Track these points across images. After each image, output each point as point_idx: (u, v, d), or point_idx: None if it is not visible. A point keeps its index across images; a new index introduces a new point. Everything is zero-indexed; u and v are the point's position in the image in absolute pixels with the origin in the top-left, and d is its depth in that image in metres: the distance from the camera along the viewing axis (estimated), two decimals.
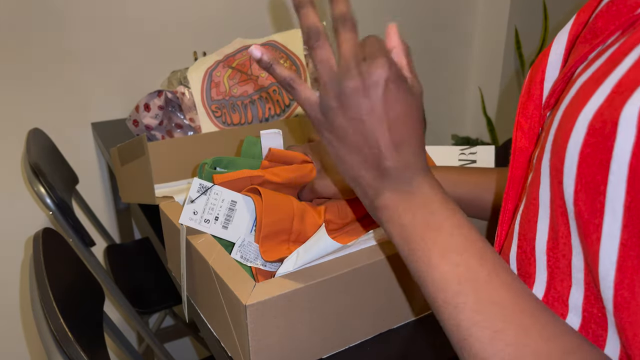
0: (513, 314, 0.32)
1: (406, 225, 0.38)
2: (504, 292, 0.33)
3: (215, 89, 0.99)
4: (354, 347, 0.54)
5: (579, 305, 0.33)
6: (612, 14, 0.33)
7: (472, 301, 0.33)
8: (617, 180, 0.27)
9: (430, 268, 0.36)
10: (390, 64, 0.36)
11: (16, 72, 1.23)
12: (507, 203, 0.42)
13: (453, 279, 0.35)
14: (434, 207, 0.37)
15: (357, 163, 0.39)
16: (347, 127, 0.38)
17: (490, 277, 0.34)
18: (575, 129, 0.30)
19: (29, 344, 1.45)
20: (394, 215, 0.38)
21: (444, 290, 0.35)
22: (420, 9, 1.78)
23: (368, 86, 0.36)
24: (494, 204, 0.56)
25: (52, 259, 0.66)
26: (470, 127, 2.10)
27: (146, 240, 1.43)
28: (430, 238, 0.36)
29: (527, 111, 0.40)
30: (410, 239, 0.37)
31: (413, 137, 0.38)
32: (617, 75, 0.29)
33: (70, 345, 0.53)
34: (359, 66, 0.36)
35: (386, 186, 0.39)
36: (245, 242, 0.56)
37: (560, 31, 0.40)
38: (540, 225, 0.36)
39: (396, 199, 0.38)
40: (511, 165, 0.41)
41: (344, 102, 0.37)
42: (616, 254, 0.29)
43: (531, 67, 0.41)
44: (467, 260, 0.35)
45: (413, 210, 0.38)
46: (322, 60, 0.38)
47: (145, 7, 1.33)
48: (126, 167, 0.80)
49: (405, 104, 0.37)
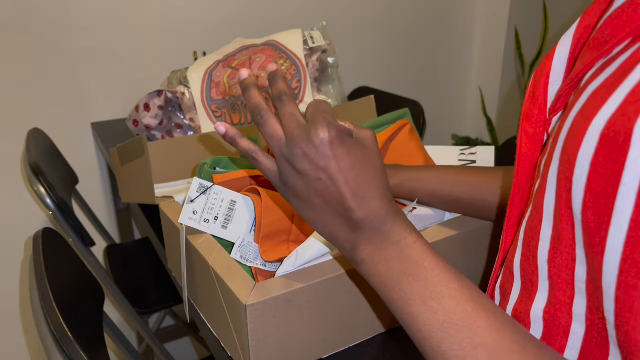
0: (498, 355, 0.32)
1: (383, 276, 0.38)
2: (487, 332, 0.33)
3: (215, 89, 0.99)
4: (354, 347, 0.54)
5: (583, 314, 0.33)
6: (622, 20, 0.33)
7: (457, 347, 0.34)
8: (628, 193, 0.27)
9: (413, 318, 0.36)
10: (329, 124, 0.38)
11: (16, 72, 1.23)
12: (512, 209, 0.42)
13: (436, 326, 0.35)
14: (406, 254, 0.38)
15: (328, 221, 0.40)
16: (308, 189, 0.40)
17: (471, 318, 0.34)
18: (586, 137, 0.30)
19: (29, 344, 1.45)
20: (372, 268, 0.39)
21: (429, 339, 0.35)
22: (420, 9, 1.78)
23: (315, 148, 0.38)
24: (499, 205, 0.56)
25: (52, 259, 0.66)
26: (470, 127, 2.10)
27: (146, 240, 1.43)
28: (407, 287, 0.37)
29: (532, 116, 0.40)
30: (390, 290, 0.38)
31: (373, 184, 0.39)
32: (630, 83, 0.28)
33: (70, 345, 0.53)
34: (302, 133, 0.38)
35: (360, 238, 0.39)
36: (245, 242, 0.56)
37: (564, 34, 0.39)
38: (543, 234, 0.36)
39: (371, 250, 0.39)
40: (516, 170, 0.41)
41: (298, 168, 0.39)
42: (617, 269, 0.28)
43: (535, 71, 0.41)
44: (446, 304, 0.35)
45: (387, 260, 0.38)
46: (269, 134, 0.41)
47: (145, 7, 1.33)
48: (126, 167, 0.80)
49: (355, 155, 0.39)
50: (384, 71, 1.80)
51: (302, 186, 0.40)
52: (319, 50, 1.05)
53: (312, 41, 1.04)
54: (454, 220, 0.60)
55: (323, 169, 0.38)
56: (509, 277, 0.41)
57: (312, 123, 0.38)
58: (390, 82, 1.83)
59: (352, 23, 1.66)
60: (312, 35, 1.05)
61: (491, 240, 0.61)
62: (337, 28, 1.63)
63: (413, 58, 1.85)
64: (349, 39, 1.67)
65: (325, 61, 1.06)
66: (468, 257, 0.60)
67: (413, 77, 1.88)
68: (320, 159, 0.38)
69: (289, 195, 0.42)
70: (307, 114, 0.40)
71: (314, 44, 1.04)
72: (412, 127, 0.71)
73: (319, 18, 1.59)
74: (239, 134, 0.43)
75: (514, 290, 0.40)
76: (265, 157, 0.43)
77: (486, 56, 1.96)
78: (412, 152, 0.69)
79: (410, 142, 0.69)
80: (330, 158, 0.38)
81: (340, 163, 0.38)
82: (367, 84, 1.76)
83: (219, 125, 0.43)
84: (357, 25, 1.67)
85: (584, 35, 0.38)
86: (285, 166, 0.40)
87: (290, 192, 0.41)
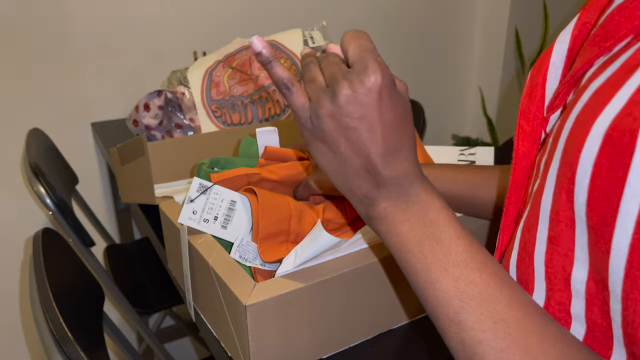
0: (518, 333, 0.31)
1: (403, 236, 0.36)
2: (508, 309, 0.32)
3: (215, 89, 0.99)
4: (354, 347, 0.54)
5: (582, 315, 0.33)
6: (624, 16, 0.32)
7: (474, 319, 0.32)
8: (633, 194, 0.27)
9: (430, 283, 0.35)
10: (383, 70, 0.35)
11: (16, 72, 1.23)
12: (508, 208, 0.41)
13: (454, 295, 0.33)
14: (431, 217, 0.36)
15: (351, 172, 0.38)
16: (339, 134, 0.36)
17: (493, 292, 0.33)
18: (589, 137, 0.29)
19: (29, 344, 1.45)
20: (391, 226, 0.37)
21: (445, 307, 0.34)
22: (420, 9, 1.78)
23: (362, 94, 0.35)
24: (496, 203, 0.56)
25: (52, 259, 0.66)
26: (470, 127, 2.10)
27: (146, 240, 1.43)
28: (429, 251, 0.35)
29: (529, 114, 0.39)
30: (408, 251, 0.36)
31: (407, 144, 0.37)
32: (635, 82, 0.27)
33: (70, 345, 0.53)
34: (350, 76, 0.35)
35: (382, 195, 0.37)
36: (243, 241, 0.56)
37: (563, 31, 0.39)
38: (540, 234, 0.35)
39: (393, 208, 0.37)
40: (513, 169, 0.40)
41: (338, 111, 0.36)
42: (623, 271, 0.28)
43: (532, 67, 0.40)
44: (469, 274, 0.33)
45: (410, 220, 0.36)
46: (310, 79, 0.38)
47: (145, 7, 1.33)
48: (126, 167, 0.80)
49: (398, 111, 0.36)
50: None
51: (334, 129, 0.36)
52: (319, 50, 1.05)
53: (312, 41, 1.04)
54: None
55: (365, 117, 0.35)
56: None
57: (361, 63, 0.35)
58: None
59: (352, 23, 1.66)
60: (312, 35, 1.05)
61: (489, 240, 0.61)
62: (337, 28, 1.63)
63: (413, 58, 1.85)
64: None
65: None
66: None
67: (413, 77, 1.88)
68: (366, 106, 0.35)
69: (313, 138, 0.38)
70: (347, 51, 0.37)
71: (314, 44, 1.04)
72: None
73: (319, 18, 1.59)
74: (276, 59, 0.39)
75: None
76: (300, 91, 0.39)
77: (486, 56, 1.96)
78: None
79: None
80: (374, 108, 0.35)
81: (382, 116, 0.35)
82: None
83: (255, 40, 0.38)
84: (357, 25, 1.67)
85: (582, 31, 0.37)
86: (321, 105, 0.36)
87: (317, 134, 0.38)
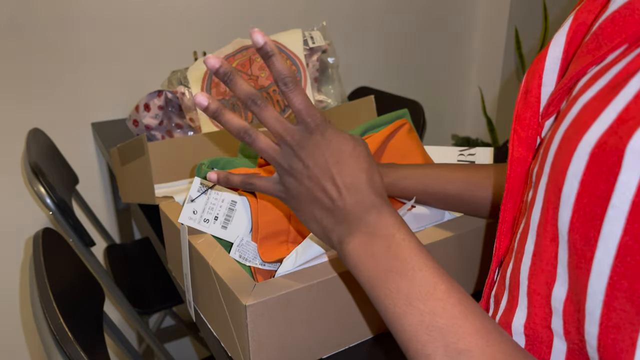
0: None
1: (370, 272, 0.37)
2: (473, 339, 0.33)
3: (215, 89, 0.99)
4: (354, 347, 0.54)
5: (561, 333, 0.32)
6: (618, 25, 0.31)
7: (441, 352, 0.33)
8: (616, 215, 0.26)
9: (397, 318, 0.35)
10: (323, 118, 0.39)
11: (16, 72, 1.23)
12: (505, 215, 0.41)
13: (420, 329, 0.34)
14: (394, 250, 0.37)
15: (319, 216, 0.41)
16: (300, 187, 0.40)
17: (457, 322, 0.33)
18: (576, 154, 0.28)
19: (29, 344, 1.45)
20: (358, 262, 0.38)
21: (414, 341, 0.34)
22: (420, 8, 1.78)
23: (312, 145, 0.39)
24: (492, 201, 0.55)
25: (52, 259, 0.66)
26: (470, 127, 2.10)
27: (146, 240, 1.43)
28: (394, 286, 0.36)
29: (524, 119, 0.39)
30: (376, 287, 0.37)
31: (359, 177, 0.39)
32: (624, 99, 0.27)
33: (70, 345, 0.53)
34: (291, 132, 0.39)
35: (346, 230, 0.39)
36: (243, 241, 0.56)
37: (557, 33, 0.38)
38: (527, 248, 0.35)
39: (357, 243, 0.38)
40: (508, 175, 0.40)
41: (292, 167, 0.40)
42: (603, 292, 0.27)
43: (526, 71, 0.40)
44: (433, 306, 0.34)
45: (375, 256, 0.37)
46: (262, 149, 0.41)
47: (145, 7, 1.33)
48: (126, 167, 0.80)
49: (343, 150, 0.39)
50: (384, 71, 1.80)
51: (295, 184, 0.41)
52: (319, 50, 1.05)
53: (312, 41, 1.04)
54: (450, 221, 0.60)
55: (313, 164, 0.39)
56: (501, 287, 0.40)
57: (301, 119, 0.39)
58: (390, 82, 1.83)
59: (352, 23, 1.66)
60: (312, 35, 1.05)
61: (487, 242, 0.61)
62: (337, 28, 1.63)
63: (413, 58, 1.85)
64: (349, 39, 1.67)
65: (325, 61, 1.06)
66: (463, 259, 0.60)
67: (413, 77, 1.88)
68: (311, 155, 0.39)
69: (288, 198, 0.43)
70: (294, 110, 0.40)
71: (314, 44, 1.04)
72: (410, 126, 0.71)
73: (319, 18, 1.59)
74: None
75: (503, 301, 0.39)
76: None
77: (486, 56, 1.96)
78: (411, 151, 0.69)
79: (408, 141, 0.69)
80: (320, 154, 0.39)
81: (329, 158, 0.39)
82: (367, 84, 1.76)
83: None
84: (357, 25, 1.67)
85: (577, 33, 0.36)
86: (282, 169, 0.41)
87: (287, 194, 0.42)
